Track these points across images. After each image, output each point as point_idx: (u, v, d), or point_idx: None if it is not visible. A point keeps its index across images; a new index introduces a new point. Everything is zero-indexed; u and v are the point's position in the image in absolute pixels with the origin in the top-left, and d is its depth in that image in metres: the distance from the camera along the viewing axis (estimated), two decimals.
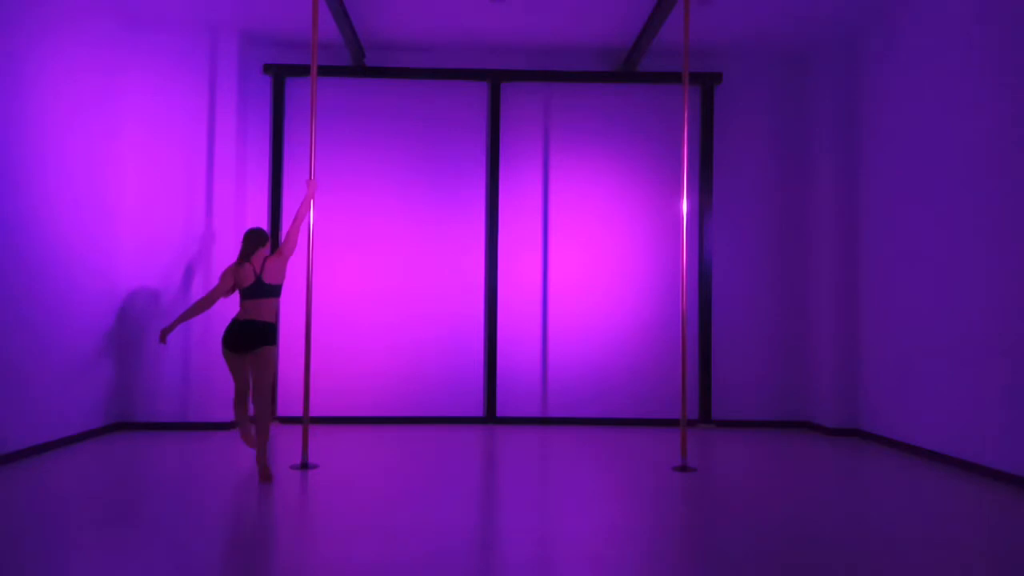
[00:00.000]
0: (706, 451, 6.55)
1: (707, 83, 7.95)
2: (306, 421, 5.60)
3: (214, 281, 7.35)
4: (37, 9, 5.95)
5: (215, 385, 7.31)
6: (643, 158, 8.06)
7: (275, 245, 7.78)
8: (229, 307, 7.42)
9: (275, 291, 5.37)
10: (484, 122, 8.03)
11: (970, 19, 5.84)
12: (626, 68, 7.91)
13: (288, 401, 7.80)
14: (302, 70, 7.72)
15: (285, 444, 6.56)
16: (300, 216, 5.52)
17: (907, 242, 6.57)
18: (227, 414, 7.33)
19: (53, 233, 6.18)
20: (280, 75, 7.80)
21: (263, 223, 7.84)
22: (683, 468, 5.63)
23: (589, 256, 8.00)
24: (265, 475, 5.10)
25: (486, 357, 7.88)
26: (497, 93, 7.94)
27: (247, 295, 5.31)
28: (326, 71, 7.73)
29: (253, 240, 5.40)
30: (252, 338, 5.22)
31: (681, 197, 6.22)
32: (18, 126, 5.73)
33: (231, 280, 5.36)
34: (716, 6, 6.82)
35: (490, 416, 7.86)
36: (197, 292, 7.35)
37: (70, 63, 6.41)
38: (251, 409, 7.53)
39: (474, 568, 3.46)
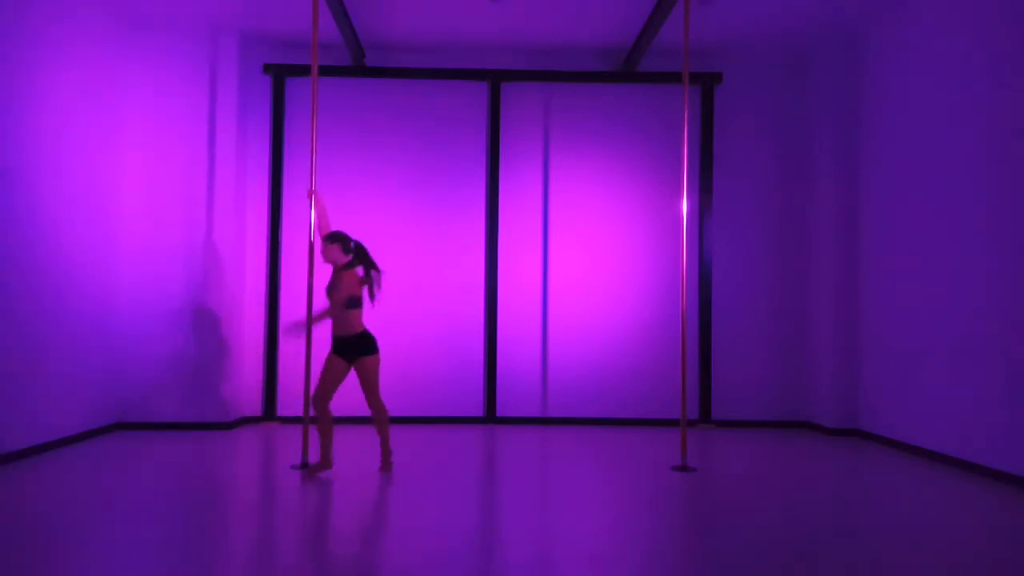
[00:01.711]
0: (706, 451, 6.54)
1: (707, 83, 7.95)
2: (306, 421, 5.60)
3: (213, 280, 7.35)
4: (35, 9, 5.95)
5: (215, 385, 7.31)
6: (643, 158, 8.06)
7: (274, 251, 7.78)
8: (233, 309, 7.42)
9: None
10: (484, 122, 8.03)
11: (971, 19, 5.84)
12: (626, 68, 7.91)
13: (288, 401, 7.80)
14: (302, 70, 7.72)
15: (285, 444, 6.56)
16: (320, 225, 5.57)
17: (907, 242, 6.57)
18: (226, 414, 7.33)
19: (52, 233, 6.18)
20: (280, 75, 7.80)
21: (263, 223, 7.85)
22: (683, 468, 5.63)
23: (589, 256, 8.00)
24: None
25: (486, 357, 7.88)
26: (497, 93, 7.94)
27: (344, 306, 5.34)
28: (326, 71, 7.73)
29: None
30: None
31: (681, 197, 6.23)
32: (16, 127, 5.73)
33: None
34: (716, 6, 6.82)
35: (490, 416, 7.86)
36: (197, 291, 7.34)
37: (69, 63, 6.40)
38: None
39: (474, 568, 3.46)
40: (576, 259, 8.00)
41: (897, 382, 6.69)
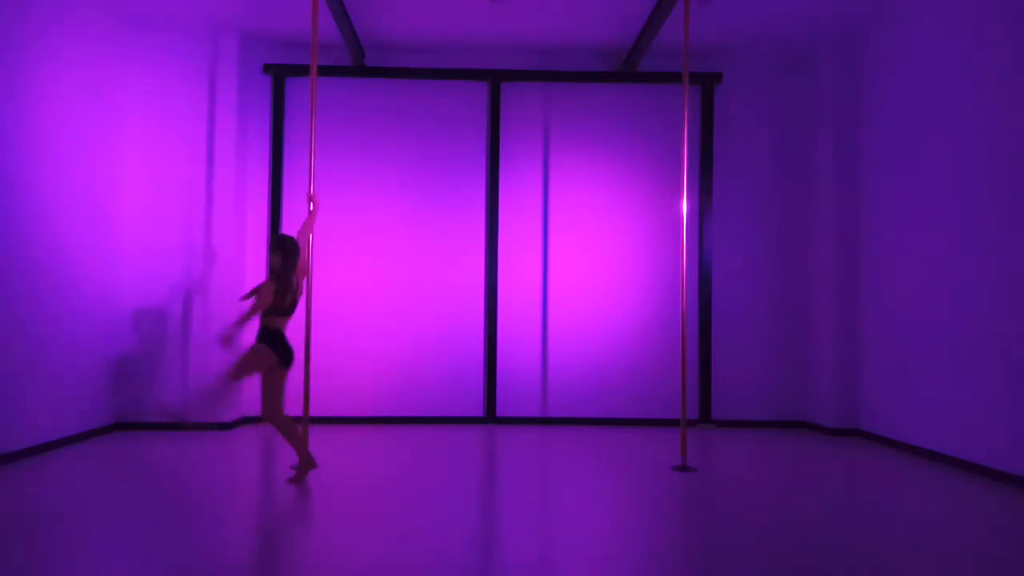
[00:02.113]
0: (706, 451, 6.55)
1: (707, 83, 7.95)
2: (306, 421, 5.60)
3: (212, 280, 7.34)
4: (35, 9, 5.94)
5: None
6: (643, 158, 8.06)
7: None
8: (232, 309, 7.43)
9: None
10: (484, 122, 8.03)
11: (971, 19, 5.84)
12: (626, 68, 7.91)
13: (288, 401, 7.79)
14: (302, 70, 7.72)
15: (284, 444, 6.56)
16: (305, 233, 5.36)
17: (907, 242, 6.57)
18: (225, 414, 7.32)
19: (52, 233, 6.18)
20: (280, 75, 7.80)
21: (263, 223, 7.84)
22: (683, 468, 5.63)
23: (589, 256, 8.00)
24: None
25: (486, 357, 7.87)
26: (497, 93, 7.94)
27: (289, 311, 5.11)
28: (326, 71, 7.73)
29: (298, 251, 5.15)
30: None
31: (681, 197, 6.22)
32: (16, 127, 5.72)
33: (283, 290, 5.02)
34: (716, 6, 6.81)
35: (490, 416, 7.86)
36: (196, 291, 7.33)
37: (69, 63, 6.40)
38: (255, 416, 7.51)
39: (474, 568, 3.46)
40: (576, 259, 7.99)
41: (897, 382, 6.69)
